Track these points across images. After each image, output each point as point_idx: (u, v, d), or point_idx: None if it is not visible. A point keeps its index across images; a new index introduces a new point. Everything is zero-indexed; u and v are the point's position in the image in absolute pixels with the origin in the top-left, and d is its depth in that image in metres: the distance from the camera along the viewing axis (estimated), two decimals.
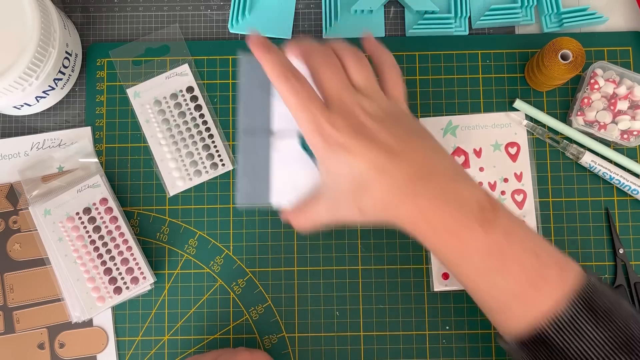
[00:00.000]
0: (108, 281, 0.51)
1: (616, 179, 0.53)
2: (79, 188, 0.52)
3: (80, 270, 0.51)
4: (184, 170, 0.54)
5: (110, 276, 0.51)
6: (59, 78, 0.52)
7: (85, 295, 0.51)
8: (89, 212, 0.52)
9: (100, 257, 0.51)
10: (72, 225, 0.51)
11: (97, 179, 0.53)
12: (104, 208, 0.52)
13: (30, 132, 0.55)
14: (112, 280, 0.51)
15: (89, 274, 0.51)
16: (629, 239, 0.54)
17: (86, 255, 0.51)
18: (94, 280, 0.51)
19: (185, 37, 0.57)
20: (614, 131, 0.53)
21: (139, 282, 0.51)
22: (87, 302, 0.51)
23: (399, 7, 0.58)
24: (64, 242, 0.51)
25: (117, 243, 0.52)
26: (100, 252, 0.51)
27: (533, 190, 0.54)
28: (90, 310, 0.51)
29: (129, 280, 0.51)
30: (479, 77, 0.56)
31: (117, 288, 0.51)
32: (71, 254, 0.51)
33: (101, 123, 0.55)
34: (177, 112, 0.55)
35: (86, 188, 0.52)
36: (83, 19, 0.57)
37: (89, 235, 0.52)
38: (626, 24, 0.57)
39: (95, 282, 0.51)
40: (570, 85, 0.56)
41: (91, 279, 0.51)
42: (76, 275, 0.51)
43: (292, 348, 0.53)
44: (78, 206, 0.52)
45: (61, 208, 0.52)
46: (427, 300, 0.53)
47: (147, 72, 0.56)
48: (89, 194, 0.52)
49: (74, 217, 0.52)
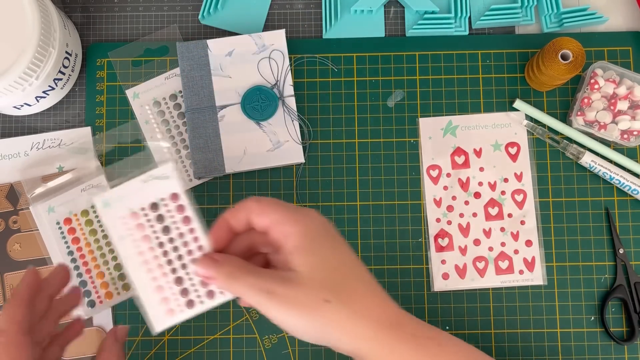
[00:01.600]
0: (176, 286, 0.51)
1: (616, 179, 0.53)
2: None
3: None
4: (184, 171, 0.54)
5: (182, 286, 0.41)
6: (59, 78, 0.52)
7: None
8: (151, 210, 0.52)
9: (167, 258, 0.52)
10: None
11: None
12: (175, 205, 0.40)
13: (30, 132, 0.55)
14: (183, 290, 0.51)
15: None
16: (629, 239, 0.54)
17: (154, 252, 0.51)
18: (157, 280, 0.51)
19: (185, 38, 0.57)
20: (614, 131, 0.53)
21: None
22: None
23: (399, 7, 0.58)
24: (127, 239, 0.51)
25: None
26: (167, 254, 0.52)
27: (533, 190, 0.54)
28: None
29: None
30: (479, 77, 0.56)
31: (186, 295, 0.51)
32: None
33: (101, 123, 0.55)
34: (177, 112, 0.55)
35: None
36: (83, 19, 0.57)
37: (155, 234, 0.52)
38: (626, 24, 0.57)
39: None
40: (570, 85, 0.56)
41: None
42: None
43: (292, 348, 0.53)
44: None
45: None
46: (427, 300, 0.53)
47: (146, 72, 0.56)
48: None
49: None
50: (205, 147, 0.53)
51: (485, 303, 0.53)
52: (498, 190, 0.54)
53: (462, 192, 0.54)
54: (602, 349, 0.52)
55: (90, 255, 0.52)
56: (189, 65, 0.54)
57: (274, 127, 0.54)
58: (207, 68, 0.54)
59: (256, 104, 0.53)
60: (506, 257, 0.53)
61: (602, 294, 0.53)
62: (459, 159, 0.55)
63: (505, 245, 0.53)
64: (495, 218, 0.54)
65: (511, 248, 0.53)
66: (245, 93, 0.53)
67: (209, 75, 0.54)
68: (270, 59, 0.54)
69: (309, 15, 0.58)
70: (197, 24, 0.57)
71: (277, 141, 0.53)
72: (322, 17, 0.57)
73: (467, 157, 0.55)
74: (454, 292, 0.53)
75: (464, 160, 0.55)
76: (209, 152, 0.53)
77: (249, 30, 0.56)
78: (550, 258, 0.54)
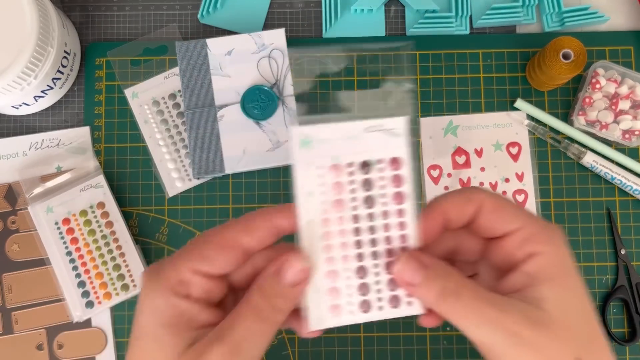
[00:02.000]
0: (99, 285, 0.51)
1: (618, 179, 0.53)
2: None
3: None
4: (183, 171, 0.54)
5: (363, 280, 0.31)
6: (58, 77, 0.52)
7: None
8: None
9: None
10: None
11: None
12: (392, 173, 0.30)
13: (28, 132, 0.55)
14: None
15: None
16: (630, 240, 0.53)
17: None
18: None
19: (184, 37, 0.57)
20: (616, 131, 0.53)
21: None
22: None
23: (399, 6, 0.57)
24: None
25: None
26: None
27: (534, 191, 0.54)
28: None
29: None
30: (480, 77, 0.56)
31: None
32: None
33: (100, 123, 0.55)
34: (176, 112, 0.55)
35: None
36: (82, 18, 0.57)
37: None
38: (628, 23, 0.57)
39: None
40: (572, 84, 0.55)
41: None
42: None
43: (292, 349, 0.52)
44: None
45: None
46: None
47: (145, 72, 0.55)
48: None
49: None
50: (204, 147, 0.53)
51: None
52: (499, 191, 0.54)
53: None
54: None
55: (88, 255, 0.51)
56: (188, 65, 0.53)
57: (274, 126, 0.53)
58: (207, 67, 0.53)
59: (256, 103, 0.53)
60: None
61: (604, 294, 0.53)
62: (459, 159, 0.54)
63: None
64: None
65: None
66: (244, 92, 0.53)
67: (208, 75, 0.53)
68: (270, 58, 0.54)
69: (308, 14, 0.57)
70: (197, 23, 0.57)
71: (276, 141, 0.53)
72: (322, 16, 0.57)
73: (468, 157, 0.54)
74: None
75: (465, 160, 0.54)
76: (208, 152, 0.53)
77: (248, 30, 0.55)
78: None
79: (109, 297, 0.51)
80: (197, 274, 0.29)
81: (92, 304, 0.51)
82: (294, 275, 0.28)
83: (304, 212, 0.29)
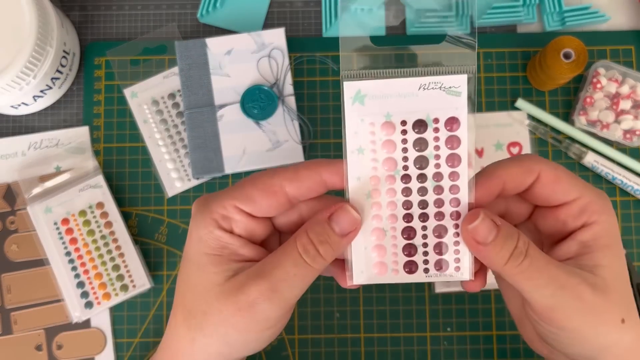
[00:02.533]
0: (98, 286, 0.51)
1: (619, 179, 0.53)
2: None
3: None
4: (182, 171, 0.54)
5: (410, 241, 0.30)
6: (57, 77, 0.52)
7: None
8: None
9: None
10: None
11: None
12: (448, 134, 0.29)
13: (27, 132, 0.55)
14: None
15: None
16: (631, 240, 0.53)
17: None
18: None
19: (184, 37, 0.56)
20: (617, 131, 0.53)
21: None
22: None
23: (399, 6, 0.57)
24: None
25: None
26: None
27: None
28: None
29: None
30: (481, 76, 0.56)
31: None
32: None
33: (99, 123, 0.55)
34: (176, 112, 0.54)
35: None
36: (81, 17, 0.57)
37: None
38: (629, 23, 0.57)
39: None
40: (573, 84, 0.55)
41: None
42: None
43: (291, 350, 0.52)
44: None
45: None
46: (428, 301, 0.53)
47: (145, 71, 0.55)
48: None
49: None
50: (204, 147, 0.53)
51: (487, 304, 0.53)
52: None
53: None
54: None
55: (88, 256, 0.51)
56: (187, 64, 0.53)
57: (274, 126, 0.53)
58: (206, 67, 0.53)
59: (256, 103, 0.53)
60: None
61: None
62: None
63: None
64: None
65: None
66: (244, 92, 0.53)
67: (208, 75, 0.53)
68: (269, 57, 0.54)
69: (308, 13, 0.57)
70: (196, 23, 0.57)
71: (276, 141, 0.53)
72: (322, 16, 0.56)
73: None
74: (456, 294, 0.53)
75: None
76: (207, 152, 0.53)
77: (248, 29, 0.55)
78: None
79: (108, 297, 0.51)
80: (241, 212, 0.30)
81: (92, 304, 0.51)
82: (346, 224, 0.29)
83: (353, 169, 0.29)
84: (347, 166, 0.29)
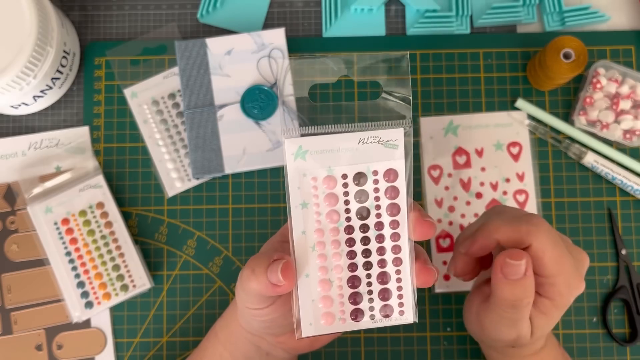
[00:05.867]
0: (98, 286, 0.51)
1: (619, 179, 0.53)
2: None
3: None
4: (182, 171, 0.54)
5: (355, 290, 0.32)
6: (57, 77, 0.52)
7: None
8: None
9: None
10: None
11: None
12: (387, 185, 0.31)
13: (27, 132, 0.55)
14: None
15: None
16: (631, 240, 0.53)
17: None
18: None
19: (184, 37, 0.56)
20: (617, 131, 0.53)
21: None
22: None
23: (399, 6, 0.57)
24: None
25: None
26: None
27: (535, 191, 0.54)
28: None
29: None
30: (481, 76, 0.56)
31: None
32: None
33: (99, 123, 0.55)
34: (176, 112, 0.54)
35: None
36: (81, 17, 0.57)
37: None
38: (629, 22, 0.57)
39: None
40: (573, 84, 0.55)
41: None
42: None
43: None
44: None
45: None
46: (428, 301, 0.53)
47: (145, 71, 0.55)
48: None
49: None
50: (204, 147, 0.53)
51: None
52: (500, 191, 0.54)
53: (463, 192, 0.54)
54: (604, 351, 0.52)
55: (88, 256, 0.51)
56: (187, 64, 0.53)
57: (274, 126, 0.53)
58: (206, 67, 0.53)
59: (255, 103, 0.53)
60: None
61: (605, 295, 0.53)
62: (460, 159, 0.54)
63: None
64: None
65: None
66: (244, 92, 0.53)
67: (208, 75, 0.53)
68: (269, 57, 0.54)
69: (308, 13, 0.57)
70: (196, 23, 0.57)
71: (276, 141, 0.53)
72: (322, 16, 0.56)
73: (468, 157, 0.54)
74: (456, 294, 0.53)
75: (466, 160, 0.54)
76: (207, 152, 0.53)
77: (248, 29, 0.55)
78: None
79: (109, 297, 0.51)
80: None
81: (92, 304, 0.51)
82: (275, 279, 0.30)
83: (298, 223, 0.30)
84: (292, 221, 0.30)
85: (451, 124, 0.55)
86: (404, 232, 0.30)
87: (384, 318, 0.30)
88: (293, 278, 0.30)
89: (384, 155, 0.29)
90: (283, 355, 0.41)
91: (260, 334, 0.39)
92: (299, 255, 0.30)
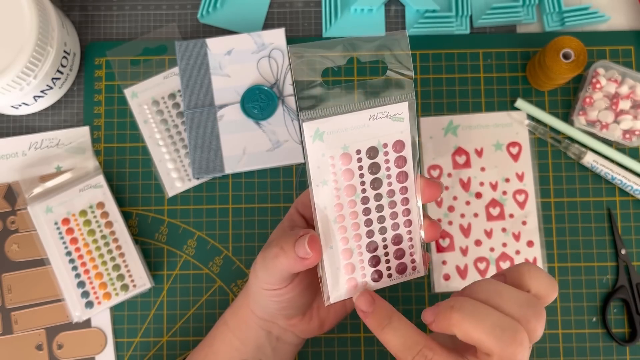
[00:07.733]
0: (98, 285, 0.51)
1: (618, 179, 0.53)
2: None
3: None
4: (182, 171, 0.54)
5: (374, 253, 0.34)
6: (57, 77, 0.52)
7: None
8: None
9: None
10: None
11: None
12: (396, 155, 0.33)
13: (28, 132, 0.55)
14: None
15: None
16: (631, 240, 0.53)
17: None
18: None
19: (184, 37, 0.56)
20: (616, 131, 0.53)
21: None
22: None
23: (399, 6, 0.57)
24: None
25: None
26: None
27: (535, 191, 0.54)
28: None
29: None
30: (480, 77, 0.56)
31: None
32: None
33: (99, 123, 0.55)
34: (176, 112, 0.55)
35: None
36: (81, 17, 0.57)
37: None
38: (628, 23, 0.57)
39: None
40: (572, 84, 0.55)
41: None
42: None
43: None
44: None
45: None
46: (428, 301, 0.53)
47: (145, 71, 0.55)
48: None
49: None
50: (204, 147, 0.53)
51: None
52: (499, 191, 0.54)
53: (463, 192, 0.54)
54: (604, 350, 0.52)
55: (88, 255, 0.51)
56: (187, 65, 0.53)
57: (274, 126, 0.53)
58: (206, 67, 0.53)
59: (255, 103, 0.53)
60: (507, 257, 0.53)
61: (604, 295, 0.53)
62: (460, 159, 0.54)
63: (507, 245, 0.53)
64: (497, 218, 0.53)
65: (512, 249, 0.53)
66: (244, 92, 0.53)
67: (208, 75, 0.53)
68: (269, 58, 0.54)
69: (308, 14, 0.57)
70: (196, 23, 0.57)
71: (276, 141, 0.53)
72: (322, 16, 0.57)
73: (468, 157, 0.54)
74: None
75: (465, 160, 0.54)
76: (207, 152, 0.53)
77: (248, 29, 0.55)
78: (552, 259, 0.53)
79: (109, 297, 0.51)
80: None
81: (92, 304, 0.51)
82: (302, 253, 0.32)
83: (319, 200, 0.32)
84: (314, 199, 0.32)
85: (451, 124, 0.55)
86: (412, 196, 0.33)
87: (400, 275, 0.34)
88: (320, 250, 0.32)
89: (392, 128, 0.32)
90: (293, 339, 0.42)
91: (273, 318, 0.40)
92: (322, 231, 0.32)
